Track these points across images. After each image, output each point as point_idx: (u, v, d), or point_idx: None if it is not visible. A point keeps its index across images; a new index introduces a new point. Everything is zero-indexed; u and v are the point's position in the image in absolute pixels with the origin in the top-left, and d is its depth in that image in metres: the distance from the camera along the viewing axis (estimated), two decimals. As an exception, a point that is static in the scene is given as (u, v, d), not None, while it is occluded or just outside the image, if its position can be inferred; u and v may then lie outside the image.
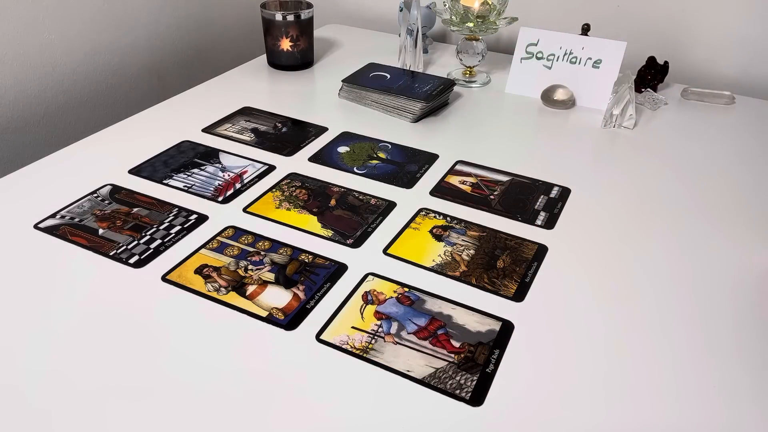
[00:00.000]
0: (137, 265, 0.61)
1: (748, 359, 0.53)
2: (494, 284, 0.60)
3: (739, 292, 0.60)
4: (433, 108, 0.94)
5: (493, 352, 0.52)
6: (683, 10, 1.05)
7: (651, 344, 0.54)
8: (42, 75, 0.96)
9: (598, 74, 0.95)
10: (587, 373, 0.51)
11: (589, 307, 0.58)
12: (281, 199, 0.72)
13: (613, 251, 0.65)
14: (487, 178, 0.78)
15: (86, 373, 0.49)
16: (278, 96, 0.99)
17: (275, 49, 1.06)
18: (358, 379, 0.50)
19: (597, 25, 1.03)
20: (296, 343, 0.53)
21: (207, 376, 0.49)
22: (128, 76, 1.11)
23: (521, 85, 1.01)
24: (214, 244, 0.64)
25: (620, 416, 0.47)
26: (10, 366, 0.50)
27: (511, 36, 1.19)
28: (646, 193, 0.75)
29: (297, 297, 0.58)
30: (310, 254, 0.63)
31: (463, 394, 0.49)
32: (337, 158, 0.81)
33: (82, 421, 0.45)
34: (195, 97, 0.97)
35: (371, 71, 1.00)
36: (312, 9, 1.05)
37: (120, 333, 0.53)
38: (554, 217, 0.70)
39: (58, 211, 0.68)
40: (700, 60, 1.08)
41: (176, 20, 1.17)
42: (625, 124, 0.91)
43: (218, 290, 0.58)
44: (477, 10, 0.98)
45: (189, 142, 0.84)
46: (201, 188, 0.74)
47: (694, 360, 0.52)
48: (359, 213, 0.70)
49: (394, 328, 0.55)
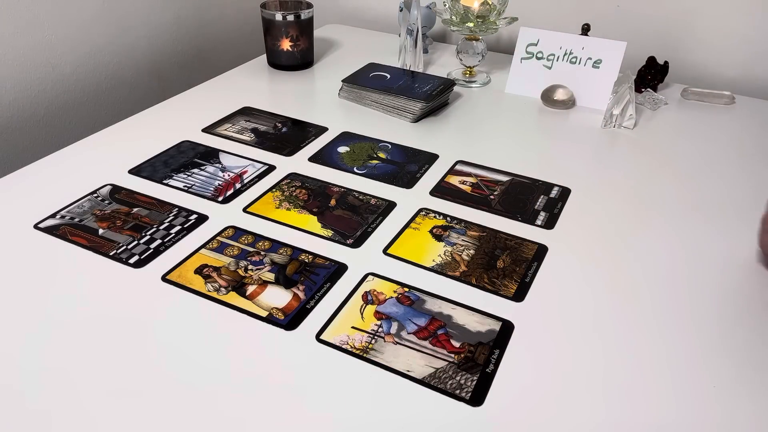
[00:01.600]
0: (137, 265, 0.61)
1: (749, 360, 0.53)
2: (494, 284, 0.60)
3: (739, 292, 0.60)
4: (433, 108, 0.94)
5: (493, 352, 0.52)
6: (683, 10, 1.05)
7: (651, 344, 0.54)
8: (42, 75, 0.96)
9: (598, 74, 0.95)
10: (587, 372, 0.51)
11: (588, 306, 0.58)
12: (281, 199, 0.72)
13: (613, 251, 0.65)
14: (487, 178, 0.78)
15: (86, 373, 0.49)
16: (278, 96, 0.99)
17: (275, 49, 1.06)
18: (358, 379, 0.50)
19: (597, 25, 1.03)
20: (296, 343, 0.53)
21: (207, 376, 0.49)
22: (128, 76, 1.11)
23: (521, 85, 1.01)
24: (214, 244, 0.64)
25: (620, 416, 0.47)
26: (10, 366, 0.50)
27: (511, 36, 1.19)
28: (646, 193, 0.75)
29: (297, 297, 0.58)
30: (310, 254, 0.63)
31: (463, 394, 0.49)
32: (337, 158, 0.81)
33: (82, 421, 0.45)
34: (195, 97, 0.97)
35: (371, 71, 1.00)
36: (312, 9, 1.05)
37: (120, 333, 0.53)
38: (554, 217, 0.70)
39: (58, 211, 0.68)
40: (700, 60, 1.08)
41: (176, 20, 1.17)
42: (625, 124, 0.91)
43: (218, 290, 0.58)
44: (477, 10, 0.98)
45: (189, 142, 0.84)
46: (201, 188, 0.74)
47: (694, 360, 0.52)
48: (359, 213, 0.70)
49: (394, 328, 0.55)
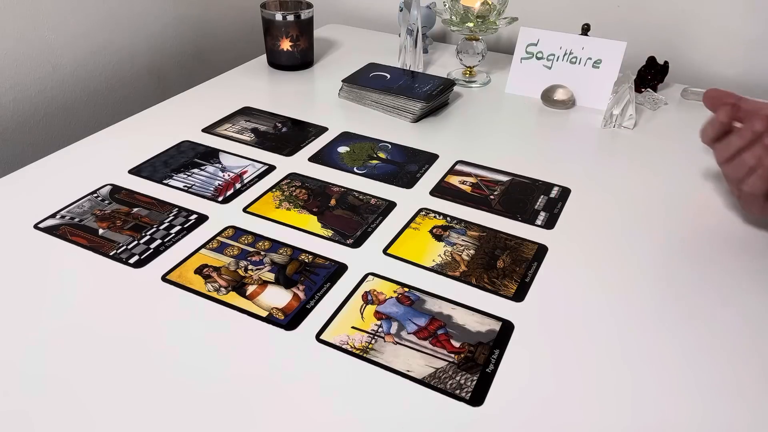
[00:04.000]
0: (137, 265, 0.61)
1: (750, 361, 0.53)
2: (494, 284, 0.60)
3: (740, 291, 0.60)
4: (433, 108, 0.94)
5: (493, 352, 0.52)
6: (683, 10, 1.05)
7: (651, 344, 0.54)
8: (42, 75, 0.96)
9: (598, 74, 0.95)
10: (587, 372, 0.51)
11: (589, 306, 0.58)
12: (281, 199, 0.72)
13: (613, 251, 0.65)
14: (487, 178, 0.78)
15: (85, 373, 0.49)
16: (278, 96, 0.99)
17: (275, 49, 1.06)
18: (358, 379, 0.50)
19: (597, 25, 1.03)
20: (296, 343, 0.53)
21: (207, 376, 0.49)
22: (128, 76, 1.11)
23: (521, 85, 1.01)
24: (214, 244, 0.64)
25: (620, 416, 0.47)
26: (10, 366, 0.50)
27: (511, 36, 1.19)
28: (646, 193, 0.75)
29: (297, 297, 0.58)
30: (310, 254, 0.63)
31: (463, 394, 0.49)
32: (337, 158, 0.81)
33: (82, 421, 0.45)
34: (195, 97, 0.97)
35: (371, 71, 1.00)
36: (312, 9, 1.05)
37: (120, 333, 0.53)
38: (554, 217, 0.70)
39: (58, 211, 0.68)
40: (700, 60, 1.08)
41: (176, 20, 1.17)
42: (625, 124, 0.91)
43: (218, 290, 0.58)
44: (477, 10, 0.98)
45: (189, 142, 0.84)
46: (201, 188, 0.74)
47: (694, 360, 0.52)
48: (359, 213, 0.70)
49: (394, 328, 0.55)
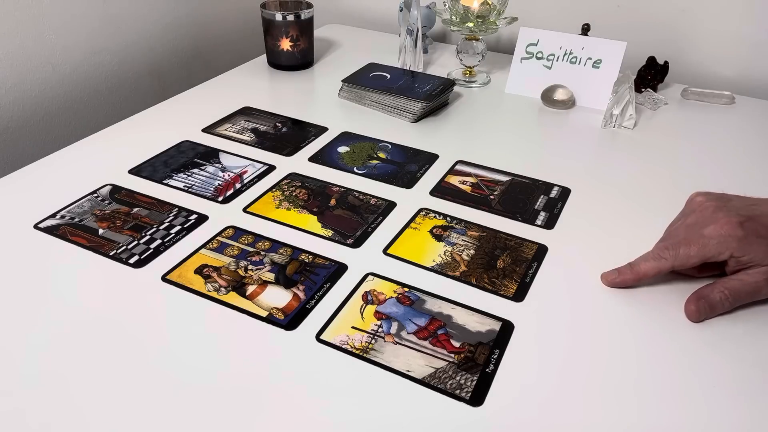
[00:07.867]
0: (137, 265, 0.61)
1: (751, 362, 0.53)
2: (494, 284, 0.60)
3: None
4: (433, 108, 0.94)
5: (493, 352, 0.52)
6: (683, 10, 1.05)
7: (651, 344, 0.54)
8: (42, 75, 0.96)
9: (598, 74, 0.95)
10: (587, 373, 0.51)
11: (589, 306, 0.58)
12: (281, 199, 0.72)
13: (613, 251, 0.65)
14: (487, 178, 0.78)
15: (85, 373, 0.49)
16: (278, 96, 0.99)
17: (275, 49, 1.06)
18: (358, 379, 0.50)
19: (597, 25, 1.03)
20: (296, 343, 0.53)
21: (206, 376, 0.49)
22: (128, 76, 1.11)
23: (521, 85, 1.01)
24: (214, 244, 0.64)
25: (620, 416, 0.47)
26: (10, 366, 0.50)
27: (511, 36, 1.19)
28: (646, 193, 0.75)
29: (297, 297, 0.58)
30: (310, 254, 0.63)
31: (463, 394, 0.49)
32: (337, 158, 0.81)
33: (82, 421, 0.45)
34: (195, 97, 0.97)
35: (371, 71, 1.00)
36: (312, 9, 1.05)
37: (120, 333, 0.53)
38: (554, 217, 0.70)
39: (58, 211, 0.68)
40: (700, 60, 1.08)
41: (176, 20, 1.17)
42: (625, 124, 0.91)
43: (218, 290, 0.58)
44: (477, 10, 0.98)
45: (189, 142, 0.84)
46: (201, 188, 0.74)
47: (695, 360, 0.52)
48: (359, 213, 0.70)
49: (394, 328, 0.55)
